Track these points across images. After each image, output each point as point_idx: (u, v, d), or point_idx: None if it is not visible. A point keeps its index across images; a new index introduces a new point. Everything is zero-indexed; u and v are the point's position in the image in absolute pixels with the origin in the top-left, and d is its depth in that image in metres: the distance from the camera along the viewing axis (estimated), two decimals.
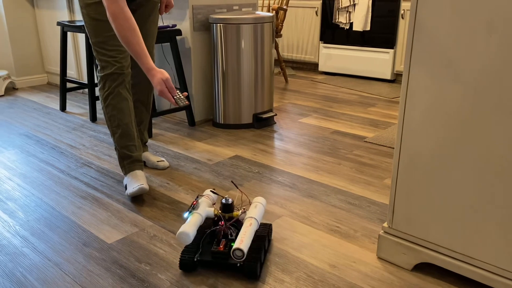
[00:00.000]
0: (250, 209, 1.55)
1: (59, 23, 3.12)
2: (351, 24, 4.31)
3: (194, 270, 1.48)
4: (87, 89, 3.02)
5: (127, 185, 1.97)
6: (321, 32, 4.56)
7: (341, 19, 4.35)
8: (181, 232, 1.41)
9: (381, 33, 4.14)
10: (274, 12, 3.87)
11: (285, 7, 3.96)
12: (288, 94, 3.81)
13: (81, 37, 3.63)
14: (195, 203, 1.57)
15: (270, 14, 2.83)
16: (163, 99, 3.14)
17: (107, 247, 1.61)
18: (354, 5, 4.23)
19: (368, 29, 4.19)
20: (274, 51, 2.93)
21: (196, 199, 1.58)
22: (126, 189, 1.97)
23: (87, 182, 2.14)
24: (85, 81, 3.73)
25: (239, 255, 1.36)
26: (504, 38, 1.12)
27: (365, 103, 3.50)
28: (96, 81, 3.23)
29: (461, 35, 1.19)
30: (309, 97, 3.70)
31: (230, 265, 1.44)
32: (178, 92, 1.73)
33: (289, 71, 4.74)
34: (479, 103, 1.20)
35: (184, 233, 1.41)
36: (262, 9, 4.40)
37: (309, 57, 4.75)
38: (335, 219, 1.79)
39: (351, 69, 4.42)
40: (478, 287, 1.38)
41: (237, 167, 2.30)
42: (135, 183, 1.92)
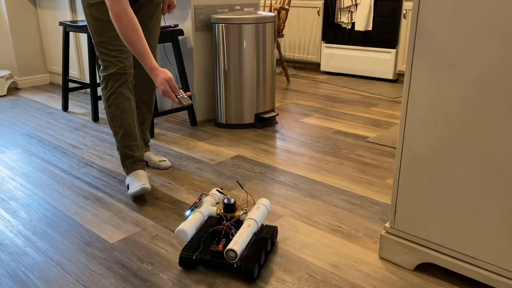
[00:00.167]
0: (252, 210, 1.55)
1: (61, 23, 3.13)
2: (353, 24, 4.31)
3: (193, 268, 1.49)
4: (89, 89, 3.02)
5: (129, 184, 1.97)
6: (323, 32, 4.56)
7: (343, 19, 4.35)
8: (179, 229, 1.45)
9: (383, 33, 4.13)
10: (276, 12, 3.87)
11: (287, 7, 3.95)
12: (290, 94, 3.81)
13: (83, 37, 3.63)
14: (197, 201, 1.57)
15: (272, 14, 2.84)
16: (165, 99, 3.14)
17: (109, 246, 1.62)
18: (356, 5, 4.23)
19: (370, 29, 4.19)
20: (276, 51, 2.93)
21: (199, 198, 1.59)
22: (128, 188, 1.98)
23: (89, 182, 2.15)
24: (87, 81, 3.73)
25: (232, 256, 1.36)
26: (505, 38, 1.12)
27: (367, 103, 3.50)
28: (98, 81, 3.23)
29: (463, 35, 1.19)
30: (311, 97, 3.70)
31: (227, 265, 1.44)
32: (181, 91, 1.73)
33: (291, 71, 4.74)
34: (480, 103, 1.20)
35: (181, 230, 1.44)
36: (264, 9, 4.40)
37: (311, 57, 4.75)
38: (337, 219, 1.79)
39: (353, 69, 4.41)
40: (480, 287, 1.38)
41: (239, 167, 2.30)
42: (137, 182, 1.93)
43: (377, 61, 4.23)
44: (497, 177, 1.21)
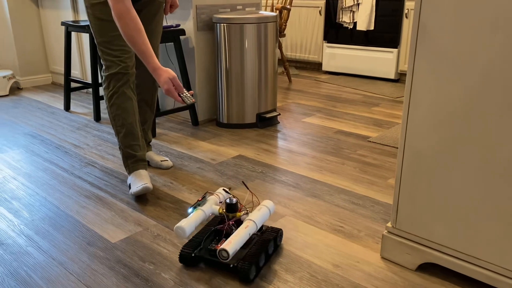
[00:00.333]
0: (253, 211, 1.55)
1: (63, 23, 3.13)
2: (355, 23, 4.30)
3: (193, 265, 1.50)
4: (91, 89, 3.03)
5: (131, 184, 1.97)
6: (324, 31, 4.56)
7: (345, 19, 4.34)
8: (177, 226, 1.46)
9: (385, 33, 4.13)
10: (277, 11, 3.87)
11: (288, 7, 3.95)
12: (291, 93, 3.81)
13: (85, 37, 3.64)
14: (200, 199, 1.58)
15: (273, 13, 2.83)
16: (167, 99, 3.15)
17: (111, 246, 1.62)
18: (357, 4, 4.22)
19: (372, 28, 4.18)
20: (277, 51, 2.93)
21: (203, 196, 1.59)
22: (130, 188, 1.98)
23: (91, 181, 2.15)
24: (89, 80, 3.74)
25: (225, 256, 1.36)
26: (507, 37, 1.12)
27: (368, 103, 3.50)
28: (100, 80, 3.24)
29: (465, 35, 1.19)
30: (312, 96, 3.70)
31: (224, 265, 1.45)
32: (184, 90, 1.73)
33: (292, 71, 4.74)
34: (482, 103, 1.20)
35: (180, 227, 1.46)
36: (265, 9, 4.40)
37: (312, 57, 4.75)
38: (339, 219, 1.79)
39: (355, 68, 4.41)
40: (482, 287, 1.38)
41: (240, 166, 2.30)
42: (139, 182, 1.93)
43: (379, 60, 4.22)
44: (499, 177, 1.21)
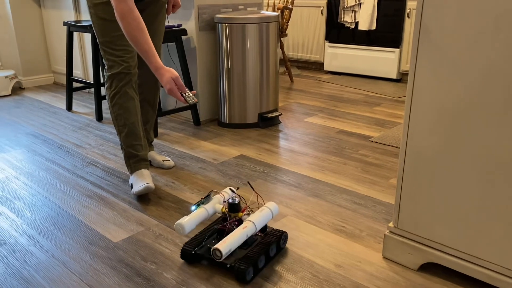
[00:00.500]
0: (255, 212, 1.55)
1: (65, 23, 3.14)
2: (357, 23, 4.30)
3: (193, 262, 1.51)
4: (93, 89, 3.03)
5: (133, 184, 1.97)
6: (326, 31, 4.55)
7: (347, 18, 4.34)
8: (177, 223, 1.48)
9: (387, 32, 4.13)
10: (279, 11, 3.87)
11: (290, 7, 3.95)
12: (293, 93, 3.81)
13: (87, 37, 3.64)
14: (203, 198, 1.58)
15: (275, 13, 2.83)
16: (169, 99, 3.15)
17: (113, 246, 1.62)
18: (359, 4, 4.22)
19: (373, 28, 4.18)
20: (279, 51, 2.93)
21: (208, 194, 1.60)
22: (132, 188, 1.98)
23: (93, 181, 2.15)
24: (91, 80, 3.74)
25: (218, 255, 1.37)
26: (509, 37, 1.12)
27: (370, 103, 3.49)
28: (102, 80, 3.24)
29: (467, 35, 1.19)
30: (314, 96, 3.70)
31: (221, 264, 1.46)
32: (186, 90, 1.74)
33: (294, 71, 4.74)
34: (485, 103, 1.19)
35: (179, 224, 1.47)
36: (267, 9, 4.40)
37: (314, 57, 4.75)
38: (341, 219, 1.79)
39: (357, 68, 4.41)
40: (484, 287, 1.38)
41: (242, 166, 2.30)
42: (141, 182, 1.93)
43: (380, 60, 4.22)
44: (501, 177, 1.21)
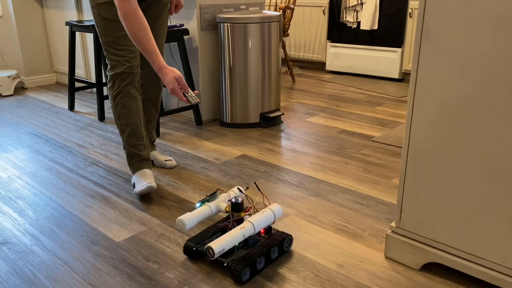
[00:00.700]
0: (257, 213, 1.55)
1: (67, 23, 3.14)
2: (359, 23, 4.30)
3: (194, 258, 1.53)
4: (95, 89, 3.04)
5: (135, 183, 1.98)
6: (328, 31, 4.55)
7: (349, 18, 4.34)
8: (179, 219, 1.50)
9: (389, 32, 4.12)
10: (281, 11, 3.87)
11: (292, 6, 3.95)
12: (295, 93, 3.81)
13: (89, 37, 3.65)
14: (208, 195, 1.59)
15: (277, 13, 2.83)
16: (171, 99, 3.15)
17: (115, 245, 1.62)
18: (361, 4, 4.22)
19: (375, 28, 4.18)
20: (281, 50, 2.93)
21: (214, 192, 1.61)
22: (134, 187, 1.98)
23: (96, 181, 2.16)
24: (93, 80, 3.75)
25: (211, 253, 1.37)
26: (510, 38, 1.12)
27: (372, 102, 3.49)
28: (104, 80, 3.25)
29: (469, 35, 1.18)
30: (316, 96, 3.70)
31: (218, 263, 1.47)
32: (189, 89, 1.74)
33: (296, 70, 4.74)
34: (487, 102, 1.19)
35: (180, 220, 1.50)
36: (269, 8, 4.39)
37: (316, 56, 4.75)
38: (343, 219, 1.79)
39: (359, 68, 4.40)
40: (486, 287, 1.38)
41: (244, 166, 2.30)
42: (143, 181, 1.93)
43: (382, 60, 4.22)
44: (503, 177, 1.21)
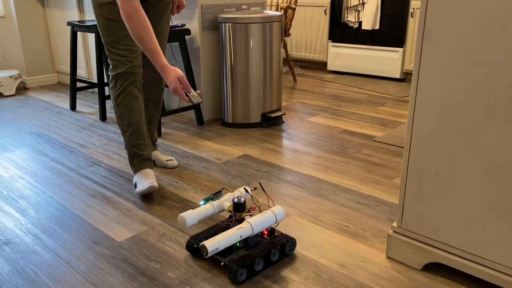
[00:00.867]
0: (257, 214, 1.55)
1: (69, 23, 3.15)
2: (360, 22, 4.29)
3: (196, 255, 1.55)
4: (97, 89, 3.04)
5: (136, 183, 1.98)
6: (329, 31, 4.55)
7: (350, 18, 4.33)
8: (180, 215, 1.52)
9: (390, 32, 4.12)
10: (282, 11, 3.87)
11: (293, 6, 3.95)
12: (296, 93, 3.81)
13: (91, 37, 3.65)
14: (212, 194, 1.60)
15: (278, 13, 2.83)
16: (172, 99, 3.15)
17: (117, 245, 1.63)
18: (363, 3, 4.21)
19: (377, 27, 4.17)
20: (282, 50, 2.93)
21: (219, 191, 1.62)
22: (135, 187, 1.99)
23: (97, 180, 2.16)
24: (95, 80, 3.75)
25: (204, 252, 1.38)
26: None
27: (374, 102, 3.49)
28: (106, 80, 3.25)
29: (471, 35, 1.18)
30: (317, 96, 3.70)
31: (216, 261, 1.48)
32: (191, 89, 1.74)
33: (297, 70, 4.74)
34: (490, 103, 1.19)
35: (181, 217, 1.52)
36: (270, 8, 4.40)
37: (317, 56, 4.74)
38: (344, 219, 1.79)
39: (360, 68, 4.40)
40: (488, 287, 1.38)
41: (245, 166, 2.30)
42: (145, 181, 1.94)
43: (384, 60, 4.21)
44: (506, 176, 1.21)
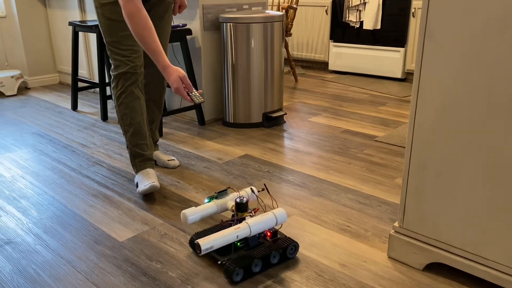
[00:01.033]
0: (257, 215, 1.54)
1: (70, 23, 3.15)
2: (361, 22, 4.29)
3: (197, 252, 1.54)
4: (98, 89, 3.04)
5: (138, 183, 1.98)
6: (331, 30, 4.55)
7: (351, 18, 4.33)
8: (183, 212, 1.54)
9: (392, 32, 4.11)
10: (284, 11, 3.87)
11: (295, 6, 3.95)
12: (298, 93, 3.81)
13: (93, 37, 3.66)
14: (216, 192, 1.61)
15: (280, 13, 2.83)
16: (173, 99, 3.16)
17: (118, 245, 1.63)
18: (364, 3, 4.21)
19: (378, 27, 4.17)
20: (284, 50, 2.93)
21: (224, 190, 1.63)
22: (137, 187, 1.99)
23: (99, 180, 2.16)
24: (96, 80, 3.76)
25: (198, 250, 1.39)
26: None
27: (375, 102, 3.49)
28: (107, 80, 3.25)
29: (472, 35, 1.18)
30: (319, 96, 3.70)
31: (214, 259, 1.49)
32: (193, 89, 1.75)
33: (299, 70, 4.74)
34: (491, 103, 1.19)
35: (183, 213, 1.54)
36: (272, 8, 4.40)
37: (319, 56, 4.74)
38: (346, 218, 1.79)
39: (361, 68, 4.40)
40: (489, 287, 1.37)
41: (247, 166, 2.30)
42: (147, 181, 1.94)
43: (385, 60, 4.21)
44: (507, 176, 1.21)
